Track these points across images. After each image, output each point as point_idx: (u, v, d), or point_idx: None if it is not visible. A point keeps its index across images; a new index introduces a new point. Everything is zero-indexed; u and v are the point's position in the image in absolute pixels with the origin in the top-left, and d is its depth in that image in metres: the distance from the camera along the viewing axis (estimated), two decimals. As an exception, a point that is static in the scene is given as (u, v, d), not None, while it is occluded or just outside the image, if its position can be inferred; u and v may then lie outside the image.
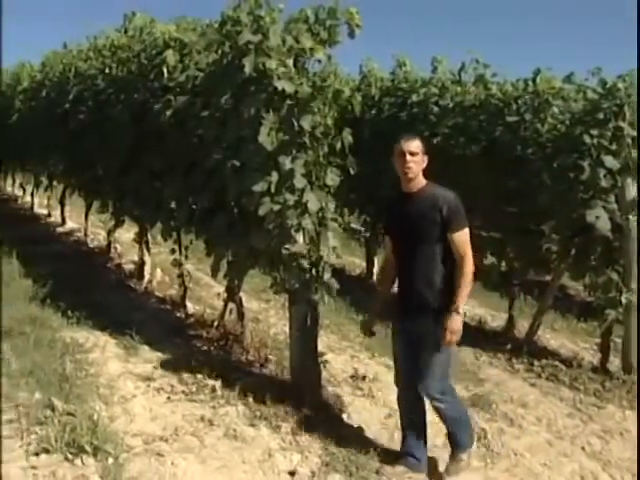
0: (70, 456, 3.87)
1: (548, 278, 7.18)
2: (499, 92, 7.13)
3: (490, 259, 7.41)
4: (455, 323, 3.85)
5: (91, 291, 7.46)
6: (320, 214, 4.56)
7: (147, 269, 7.98)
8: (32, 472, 3.75)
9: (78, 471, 3.76)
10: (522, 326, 7.10)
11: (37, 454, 3.91)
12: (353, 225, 10.30)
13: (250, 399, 4.76)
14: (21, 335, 5.66)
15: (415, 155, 3.91)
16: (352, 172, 4.76)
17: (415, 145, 3.95)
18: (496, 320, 7.74)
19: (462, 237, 3.91)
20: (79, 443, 3.92)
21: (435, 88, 8.00)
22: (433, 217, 3.87)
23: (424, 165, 4.00)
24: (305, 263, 4.52)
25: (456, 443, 4.16)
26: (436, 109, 7.79)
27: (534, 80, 6.76)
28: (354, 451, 4.24)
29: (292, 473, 4.01)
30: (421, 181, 4.00)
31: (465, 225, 3.94)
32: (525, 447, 4.61)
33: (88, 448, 3.90)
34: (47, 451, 3.93)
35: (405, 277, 4.10)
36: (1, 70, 14.23)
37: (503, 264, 7.24)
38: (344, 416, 4.72)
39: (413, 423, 4.21)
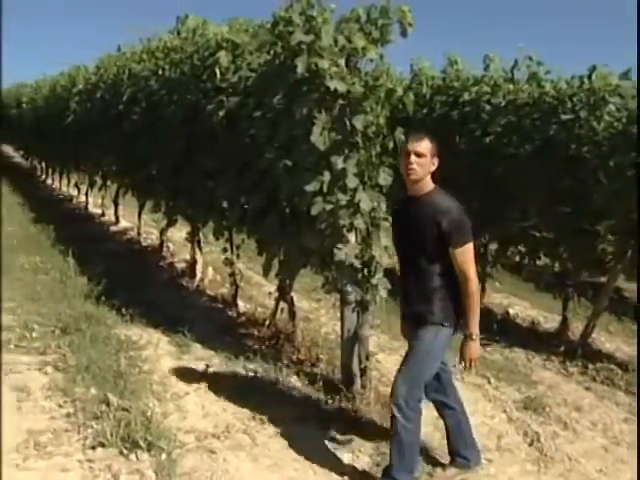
0: (125, 451, 3.96)
1: (603, 279, 7.02)
2: (553, 90, 6.99)
3: (543, 259, 7.30)
4: (472, 351, 3.67)
5: (144, 289, 7.59)
6: (372, 214, 4.54)
7: (199, 268, 8.07)
8: (88, 465, 3.85)
9: (133, 466, 3.85)
10: (576, 328, 6.96)
11: (93, 448, 4.02)
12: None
13: (301, 398, 4.78)
14: (77, 332, 5.81)
15: (422, 157, 3.60)
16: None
17: (423, 146, 3.63)
18: (549, 322, 7.60)
19: (463, 254, 3.61)
20: (134, 438, 4.01)
21: (487, 86, 7.89)
22: (431, 228, 3.60)
23: (432, 168, 3.68)
24: (357, 263, 4.51)
25: (388, 470, 3.78)
26: (488, 107, 7.68)
27: (589, 77, 6.61)
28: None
29: (342, 472, 4.01)
30: (426, 186, 3.70)
31: (467, 240, 3.63)
32: (580, 452, 4.51)
33: (142, 443, 3.98)
34: (103, 445, 4.03)
35: (403, 288, 3.92)
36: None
37: (557, 265, 7.12)
38: (395, 417, 4.69)
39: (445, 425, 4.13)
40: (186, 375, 5.15)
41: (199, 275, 8.02)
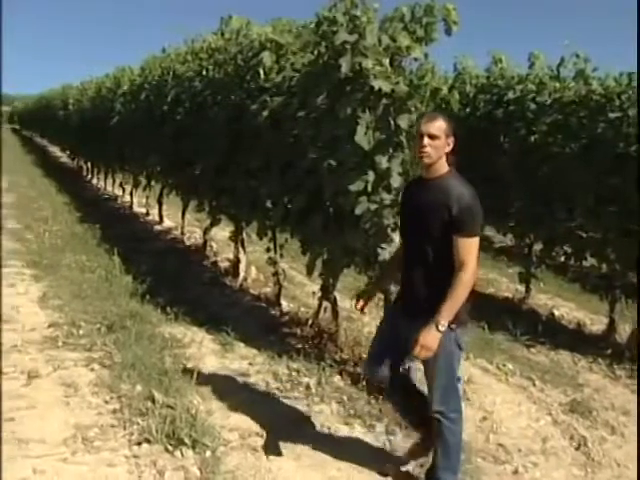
0: (170, 447, 4.01)
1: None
2: (600, 87, 6.87)
3: (590, 260, 7.17)
4: (430, 338, 3.34)
5: (187, 288, 7.66)
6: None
7: (242, 267, 8.11)
8: (134, 461, 3.91)
9: (177, 462, 3.89)
10: (624, 330, 6.82)
11: (139, 444, 4.07)
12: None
13: (344, 397, 4.78)
14: (123, 329, 5.89)
15: (435, 138, 3.41)
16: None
17: (437, 126, 3.43)
18: (595, 324, 7.46)
19: (467, 244, 3.37)
20: (178, 435, 4.06)
21: (532, 84, 7.80)
22: (441, 214, 3.38)
23: (447, 149, 3.49)
24: (401, 263, 4.49)
25: (433, 475, 3.75)
26: (533, 106, 7.58)
27: (639, 74, 6.49)
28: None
29: (386, 473, 3.99)
30: (441, 168, 3.50)
31: (475, 232, 3.40)
32: (628, 457, 4.42)
33: (187, 440, 4.03)
34: (148, 441, 4.08)
35: (407, 275, 3.69)
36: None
37: (603, 266, 6.98)
38: (440, 417, 4.65)
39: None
40: (230, 373, 5.19)
41: (242, 274, 8.07)
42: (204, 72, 7.87)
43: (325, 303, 5.92)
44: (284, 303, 7.02)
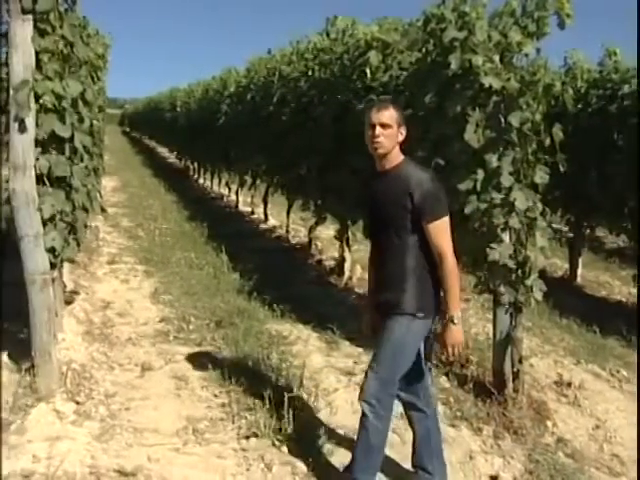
0: (277, 442, 4.07)
1: None
2: None
3: None
4: (454, 335, 3.34)
5: (293, 286, 7.75)
6: (528, 213, 4.40)
7: (347, 266, 8.14)
8: (243, 454, 4.00)
9: (284, 457, 3.95)
10: None
11: (247, 437, 4.17)
12: (554, 225, 9.89)
13: (451, 399, 4.73)
14: (231, 325, 6.04)
15: (387, 127, 3.31)
16: (562, 169, 4.57)
17: (388, 115, 3.33)
18: None
19: (438, 228, 3.28)
20: (285, 430, 4.11)
21: (649, 78, 7.44)
22: (403, 202, 3.27)
23: (401, 139, 3.40)
24: (511, 263, 4.39)
25: (351, 466, 3.56)
26: (650, 101, 7.24)
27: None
28: (560, 461, 4.08)
29: (494, 478, 3.92)
30: (395, 158, 3.41)
31: (443, 214, 3.31)
32: None
33: (294, 436, 4.07)
34: (256, 435, 4.17)
35: (376, 269, 3.58)
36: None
37: None
38: (548, 423, 4.52)
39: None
40: (336, 371, 5.21)
41: (347, 273, 8.09)
42: (310, 72, 7.96)
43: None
44: (391, 302, 6.97)
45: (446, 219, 3.34)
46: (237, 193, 14.43)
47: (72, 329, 5.63)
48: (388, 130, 3.33)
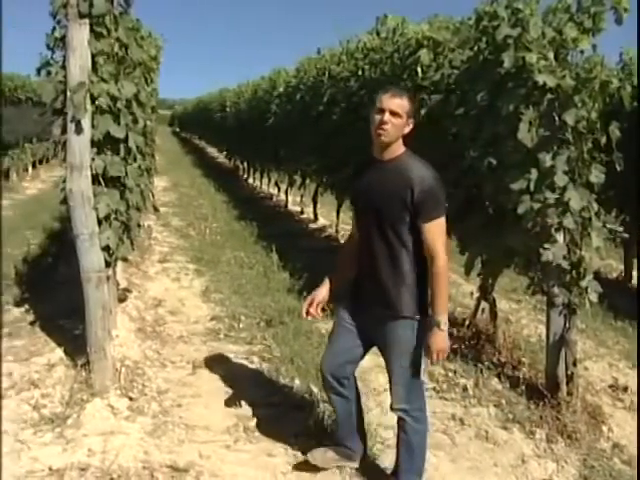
0: (327, 442, 4.06)
1: None
2: None
3: None
4: (439, 341, 3.21)
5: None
6: (582, 213, 4.32)
7: (396, 265, 8.07)
8: (293, 453, 4.01)
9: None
10: None
11: (297, 436, 4.17)
12: (609, 225, 9.67)
13: (503, 401, 4.67)
14: (281, 324, 6.07)
15: (397, 116, 3.18)
16: (619, 169, 4.47)
17: (399, 103, 3.20)
18: None
19: (433, 229, 3.18)
20: (335, 431, 4.10)
21: None
22: (403, 197, 3.15)
23: (406, 131, 3.26)
24: (565, 264, 4.32)
25: (399, 469, 3.55)
26: None
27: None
28: (616, 467, 4.00)
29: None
30: (398, 149, 3.29)
31: (440, 214, 3.20)
32: None
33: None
34: (306, 434, 4.17)
35: (366, 265, 3.42)
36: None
37: None
38: (604, 428, 4.43)
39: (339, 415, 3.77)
40: (384, 371, 5.17)
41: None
42: (359, 72, 7.94)
43: (483, 304, 5.80)
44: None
45: (443, 220, 3.24)
46: (286, 193, 14.48)
47: (125, 326, 5.72)
48: (397, 119, 3.20)
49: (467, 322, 5.95)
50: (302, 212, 13.62)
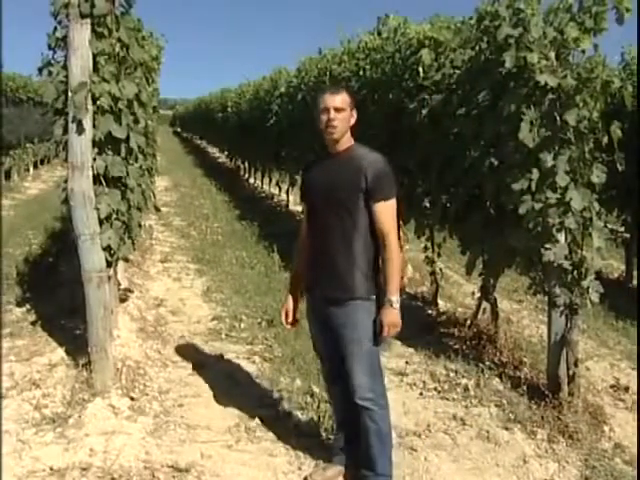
0: (329, 441, 4.06)
1: None
2: None
3: None
4: (391, 317, 3.32)
5: (343, 285, 7.72)
6: (584, 213, 4.32)
7: (395, 265, 8.07)
8: (294, 452, 4.02)
9: (336, 457, 3.93)
10: None
11: (298, 436, 4.17)
12: (610, 225, 9.66)
13: (504, 401, 4.66)
14: (282, 324, 6.03)
15: (341, 111, 3.35)
16: (621, 169, 4.47)
17: (341, 99, 3.37)
18: None
19: (386, 208, 3.34)
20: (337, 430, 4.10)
21: None
22: (357, 182, 3.32)
23: (352, 122, 3.44)
24: (566, 264, 4.32)
25: (372, 467, 3.56)
26: None
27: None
28: (618, 468, 3.98)
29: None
30: (347, 141, 3.46)
31: (391, 195, 3.36)
32: None
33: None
34: (307, 434, 4.18)
35: (321, 253, 3.51)
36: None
37: None
38: (605, 428, 4.42)
39: (344, 423, 3.76)
40: (387, 372, 5.17)
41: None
42: (361, 72, 7.92)
43: (484, 304, 5.80)
44: (441, 303, 6.94)
45: (394, 202, 3.39)
46: (287, 192, 14.45)
47: (126, 326, 5.73)
48: (342, 114, 3.37)
49: (468, 322, 5.95)
50: (303, 212, 13.56)
